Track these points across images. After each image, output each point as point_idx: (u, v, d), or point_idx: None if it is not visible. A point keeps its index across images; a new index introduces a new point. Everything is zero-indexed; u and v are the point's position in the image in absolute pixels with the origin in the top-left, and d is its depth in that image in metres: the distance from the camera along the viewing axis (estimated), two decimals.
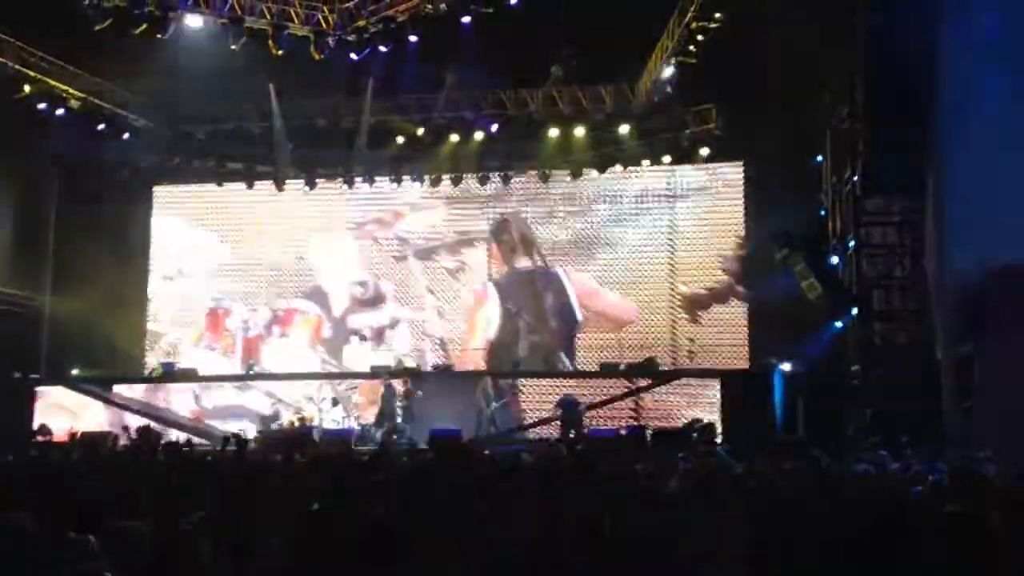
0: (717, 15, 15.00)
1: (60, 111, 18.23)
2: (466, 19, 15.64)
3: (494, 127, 19.36)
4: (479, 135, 19.49)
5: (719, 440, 14.80)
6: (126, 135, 19.63)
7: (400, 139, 19.71)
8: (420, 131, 19.53)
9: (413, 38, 16.25)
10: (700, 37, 15.41)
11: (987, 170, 12.45)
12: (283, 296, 20.87)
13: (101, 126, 19.08)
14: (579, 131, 19.12)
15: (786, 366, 15.80)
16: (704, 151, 18.84)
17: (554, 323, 19.68)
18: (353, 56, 16.78)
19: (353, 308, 20.59)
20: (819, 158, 17.34)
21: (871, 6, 14.73)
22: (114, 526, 3.43)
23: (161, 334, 20.98)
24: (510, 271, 20.19)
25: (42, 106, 17.93)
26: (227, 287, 21.10)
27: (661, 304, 19.52)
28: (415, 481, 6.35)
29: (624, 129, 18.92)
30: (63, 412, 17.58)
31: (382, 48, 16.56)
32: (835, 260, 16.14)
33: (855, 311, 15.31)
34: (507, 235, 20.30)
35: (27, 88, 17.48)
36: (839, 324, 15.64)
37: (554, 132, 19.21)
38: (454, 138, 19.60)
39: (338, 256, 20.88)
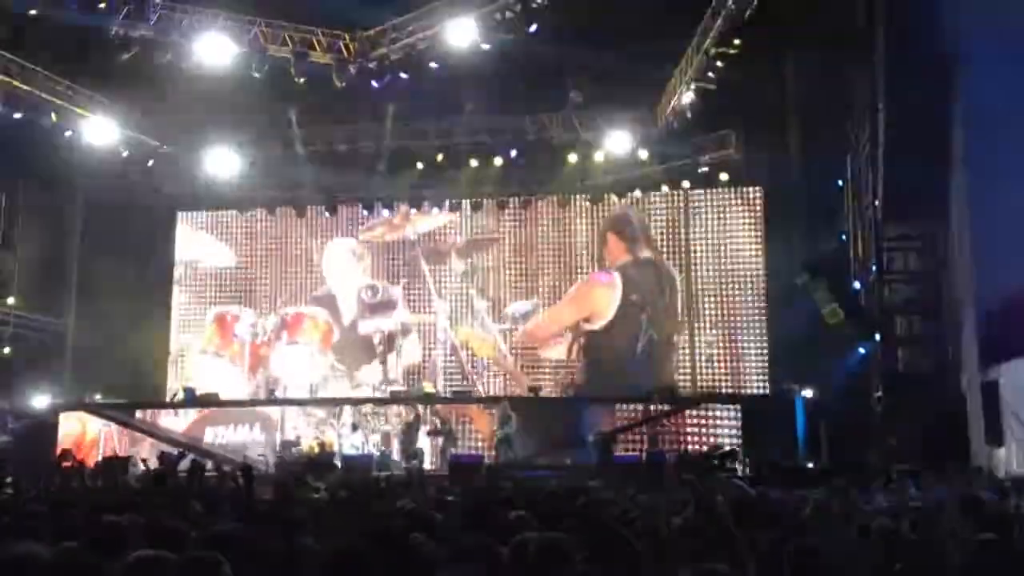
0: (736, 41, 15.02)
1: (85, 139, 18.51)
2: (486, 46, 15.77)
3: (513, 152, 19.45)
4: (498, 160, 19.58)
5: (740, 467, 14.70)
6: (150, 162, 19.89)
7: (420, 164, 19.84)
8: (440, 157, 19.66)
9: (433, 65, 16.40)
10: (719, 63, 15.44)
11: (1011, 192, 12.38)
12: (292, 301, 20.70)
13: (126, 153, 19.34)
14: (598, 156, 19.18)
15: (808, 393, 15.68)
16: (723, 176, 18.85)
17: (670, 320, 19.09)
18: (374, 83, 16.95)
19: (363, 313, 20.30)
20: (839, 182, 17.29)
21: (890, 28, 14.72)
22: (140, 555, 3.45)
23: (169, 344, 20.94)
24: (634, 261, 19.48)
25: (68, 133, 18.22)
26: (236, 292, 21.07)
27: (684, 327, 19.42)
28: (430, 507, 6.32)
29: (643, 154, 18.97)
30: (82, 436, 17.71)
31: (402, 75, 16.73)
32: (857, 285, 16.04)
33: (878, 337, 15.19)
34: (629, 226, 19.75)
35: (54, 116, 17.76)
36: (862, 350, 15.51)
37: (573, 157, 19.28)
38: (474, 163, 19.71)
39: (343, 262, 20.71)
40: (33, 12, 15.05)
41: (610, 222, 19.97)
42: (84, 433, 17.90)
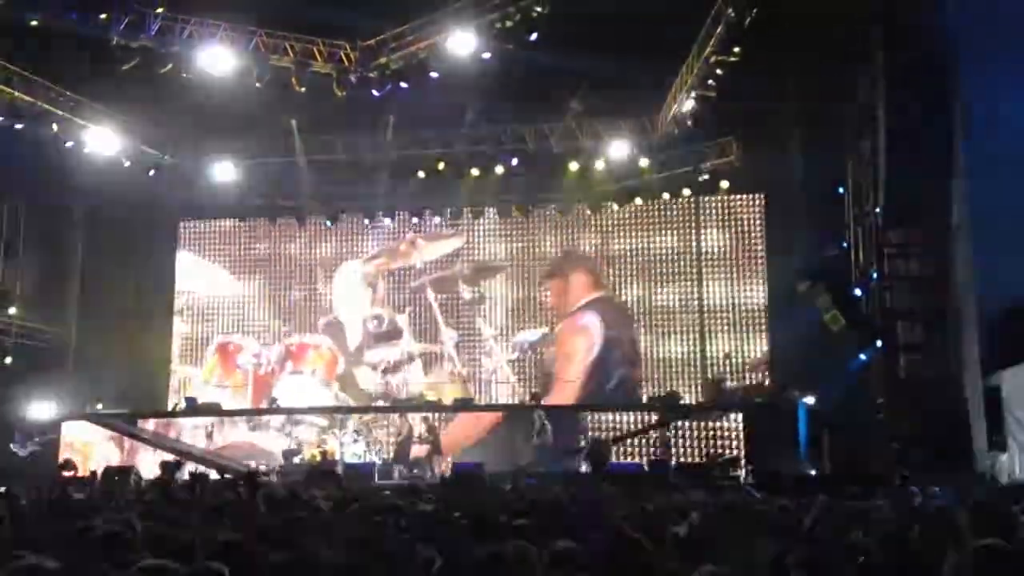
0: (736, 48, 15.05)
1: (87, 149, 18.55)
2: (486, 55, 15.81)
3: (514, 161, 19.48)
4: (499, 169, 19.60)
5: (743, 474, 14.68)
6: (152, 172, 19.93)
7: (421, 173, 19.87)
8: (441, 165, 19.69)
9: (434, 74, 16.44)
10: (719, 71, 15.47)
11: (1012, 198, 12.40)
12: (297, 330, 20.60)
13: (127, 163, 19.38)
14: (599, 164, 19.20)
15: (810, 399, 15.66)
16: (724, 184, 18.87)
17: (636, 356, 19.16)
18: (375, 92, 16.98)
19: (368, 343, 20.22)
20: (840, 189, 17.30)
21: (889, 33, 14.75)
22: (146, 565, 3.45)
23: (172, 371, 20.81)
24: (606, 297, 19.57)
25: (70, 144, 18.25)
26: (240, 321, 20.98)
27: (689, 336, 19.40)
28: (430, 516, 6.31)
29: (644, 162, 18.99)
30: (83, 446, 17.68)
31: (403, 84, 16.76)
32: (858, 292, 16.04)
33: (880, 343, 15.18)
34: (590, 261, 19.83)
35: (56, 127, 17.80)
36: (864, 357, 15.50)
37: (574, 166, 19.30)
38: (475, 172, 19.73)
39: (353, 289, 20.64)
40: (34, 23, 15.10)
41: (570, 261, 19.93)
42: (86, 443, 17.88)
